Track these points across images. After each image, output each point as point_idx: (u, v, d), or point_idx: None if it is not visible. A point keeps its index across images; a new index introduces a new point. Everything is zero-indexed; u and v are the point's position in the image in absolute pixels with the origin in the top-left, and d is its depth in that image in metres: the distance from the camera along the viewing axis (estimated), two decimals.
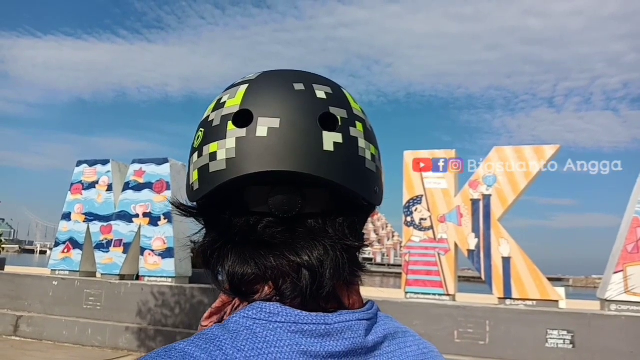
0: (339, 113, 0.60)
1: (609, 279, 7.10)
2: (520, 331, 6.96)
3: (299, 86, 0.60)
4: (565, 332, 6.77)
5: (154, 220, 9.29)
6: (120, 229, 9.50)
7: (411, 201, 8.03)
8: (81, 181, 10.05)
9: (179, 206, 0.64)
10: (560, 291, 7.63)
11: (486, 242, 7.57)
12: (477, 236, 7.65)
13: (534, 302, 7.25)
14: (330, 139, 0.58)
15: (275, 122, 0.57)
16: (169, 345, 0.54)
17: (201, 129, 0.62)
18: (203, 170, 0.60)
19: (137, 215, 9.42)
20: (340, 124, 0.59)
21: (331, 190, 0.59)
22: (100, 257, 9.55)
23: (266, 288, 0.58)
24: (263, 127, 0.57)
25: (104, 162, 10.04)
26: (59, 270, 9.77)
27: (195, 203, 0.63)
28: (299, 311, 0.56)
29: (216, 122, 0.60)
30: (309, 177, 0.56)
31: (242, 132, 0.57)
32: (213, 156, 0.58)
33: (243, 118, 0.58)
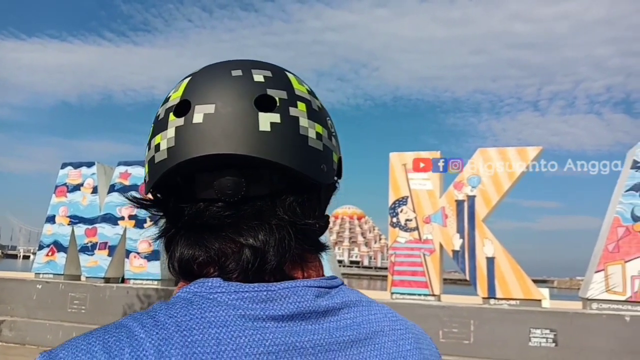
0: (278, 94, 0.61)
1: (590, 278, 7.22)
2: (504, 330, 7.05)
3: (236, 72, 0.62)
4: (548, 331, 6.87)
5: (139, 223, 9.24)
6: (106, 231, 9.43)
7: (397, 202, 8.10)
8: (66, 183, 9.97)
9: (132, 199, 0.65)
10: (544, 291, 7.75)
11: (470, 242, 7.65)
12: (462, 237, 7.73)
13: (518, 302, 7.34)
14: (266, 120, 0.58)
15: (211, 108, 0.59)
16: None
17: (152, 125, 0.64)
18: (150, 162, 0.62)
19: (122, 218, 9.37)
20: (278, 104, 0.60)
21: (278, 171, 0.60)
22: (85, 260, 9.48)
23: (212, 269, 0.59)
24: (199, 114, 0.59)
25: (89, 165, 9.97)
26: (43, 273, 9.67)
27: (150, 195, 0.65)
28: (241, 283, 0.57)
29: (161, 116, 0.62)
30: (249, 158, 0.57)
31: (181, 121, 0.59)
32: (157, 147, 0.60)
33: (182, 108, 0.60)
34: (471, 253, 7.65)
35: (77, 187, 9.87)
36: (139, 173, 9.44)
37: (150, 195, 0.65)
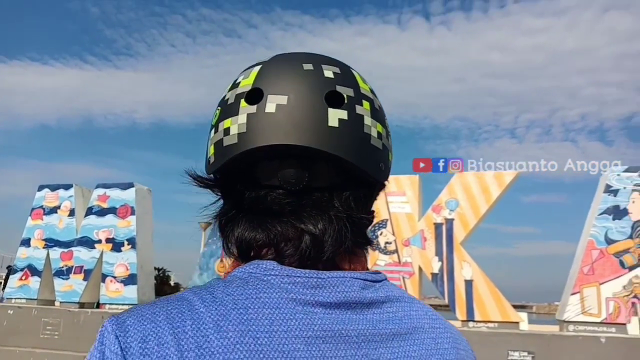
0: (346, 91, 0.62)
1: (566, 300, 7.30)
2: (482, 352, 7.05)
3: (307, 66, 0.63)
4: (525, 353, 6.90)
5: (116, 246, 9.11)
6: (82, 255, 9.26)
7: (376, 225, 8.14)
8: (42, 206, 9.80)
9: (195, 177, 0.68)
10: (522, 315, 7.80)
11: (449, 265, 7.70)
12: (441, 259, 7.78)
13: (496, 324, 7.38)
14: (335, 116, 0.60)
15: (283, 99, 0.60)
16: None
17: (218, 107, 0.66)
18: (218, 145, 0.63)
19: (99, 241, 9.22)
20: (346, 101, 0.62)
21: (338, 166, 0.62)
22: (59, 284, 9.27)
23: (269, 252, 0.61)
24: (272, 103, 0.60)
25: (67, 187, 9.83)
26: (15, 298, 9.42)
27: (212, 175, 0.67)
28: (294, 268, 0.59)
29: (231, 100, 0.64)
30: (314, 151, 0.59)
31: (253, 108, 0.61)
32: (227, 131, 0.62)
33: (254, 96, 0.62)
34: (450, 276, 7.69)
35: (53, 210, 9.71)
36: (118, 196, 9.34)
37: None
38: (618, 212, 7.30)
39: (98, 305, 9.17)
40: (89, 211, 9.44)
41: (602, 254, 7.24)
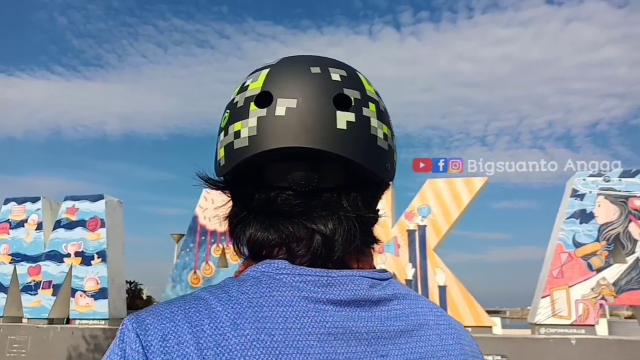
0: (353, 94, 0.63)
1: (537, 303, 7.44)
2: None
3: (315, 69, 0.64)
4: (499, 357, 6.99)
5: (86, 260, 8.93)
6: (50, 269, 9.04)
7: None
8: (8, 220, 9.55)
9: (207, 180, 0.68)
10: (495, 320, 7.91)
11: (423, 271, 7.78)
12: (414, 266, 7.85)
13: (469, 329, 7.45)
14: (343, 118, 0.61)
15: (293, 103, 0.61)
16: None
17: (227, 110, 0.66)
18: (228, 148, 0.63)
19: (68, 255, 9.03)
20: (353, 104, 0.62)
21: (346, 167, 0.62)
22: (27, 300, 9.02)
23: (280, 251, 0.62)
24: (282, 107, 0.61)
25: (34, 200, 9.61)
26: None
27: (222, 178, 0.68)
28: (305, 267, 0.60)
29: (240, 104, 0.64)
30: (323, 153, 0.60)
31: (263, 112, 0.61)
32: (237, 134, 0.62)
33: (264, 99, 0.62)
34: (424, 282, 7.76)
35: (20, 224, 9.48)
36: (87, 208, 9.17)
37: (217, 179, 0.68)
38: (585, 216, 7.50)
39: (68, 321, 8.95)
40: (58, 224, 9.24)
41: (571, 257, 7.41)
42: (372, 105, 0.65)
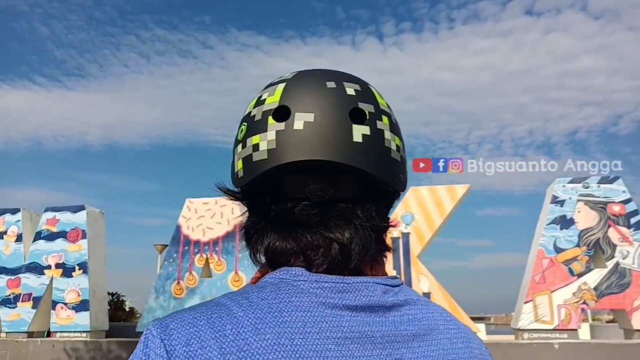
0: (367, 108, 0.65)
1: (520, 309, 7.51)
2: None
3: (330, 84, 0.66)
4: None
5: (67, 271, 8.80)
6: (30, 282, 8.88)
7: None
8: None
9: (226, 191, 0.70)
10: (480, 326, 7.97)
11: (407, 278, 7.81)
12: (398, 273, 7.87)
13: None
14: (359, 131, 0.63)
15: (310, 117, 0.63)
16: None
17: (244, 123, 0.68)
18: (247, 160, 0.65)
19: (49, 267, 8.89)
20: (368, 117, 0.65)
21: (361, 178, 0.64)
22: (5, 313, 8.84)
23: (298, 260, 0.64)
24: (300, 121, 0.63)
25: (14, 211, 9.45)
26: None
27: (239, 189, 0.69)
28: (321, 274, 0.62)
29: (258, 117, 0.66)
30: (339, 165, 0.62)
31: (281, 125, 0.63)
32: (256, 147, 0.64)
33: (282, 113, 0.64)
34: None
35: None
36: (68, 219, 9.06)
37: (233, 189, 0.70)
38: (565, 222, 7.61)
39: (48, 334, 8.80)
40: (38, 236, 9.10)
41: (552, 263, 7.51)
42: (385, 118, 0.67)
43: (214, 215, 8.89)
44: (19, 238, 9.20)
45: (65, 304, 8.67)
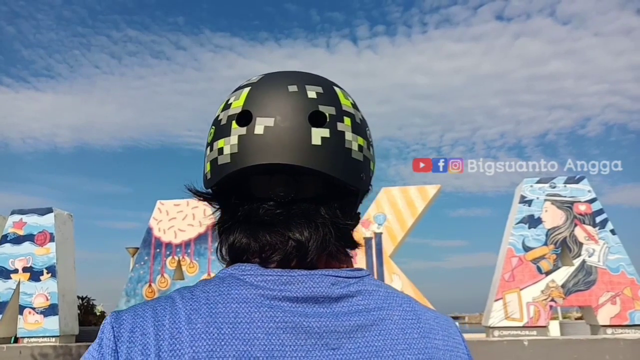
0: (328, 110, 0.67)
1: (490, 307, 7.63)
2: None
3: (292, 88, 0.69)
4: None
5: (35, 275, 8.60)
6: None
7: None
8: None
9: (195, 192, 0.73)
10: None
11: (379, 277, 7.85)
12: (371, 273, 7.92)
13: None
14: (318, 134, 0.65)
15: (270, 121, 0.65)
16: None
17: (213, 127, 0.71)
18: (213, 163, 0.69)
19: (15, 271, 8.67)
20: (328, 120, 0.67)
21: (323, 178, 0.66)
22: None
23: (256, 258, 0.66)
24: (260, 125, 0.66)
25: None
26: None
27: (210, 190, 0.73)
28: (270, 269, 0.65)
29: (223, 121, 0.69)
30: (300, 167, 0.64)
31: (243, 130, 0.66)
32: (220, 151, 0.67)
33: (244, 118, 0.67)
34: None
35: None
36: (35, 222, 8.86)
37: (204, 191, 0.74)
38: (533, 221, 7.76)
39: (16, 340, 8.58)
40: (4, 239, 8.87)
41: (521, 261, 7.65)
42: (347, 120, 0.69)
43: (186, 217, 8.81)
44: None
45: (34, 308, 8.47)
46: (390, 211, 8.06)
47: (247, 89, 0.70)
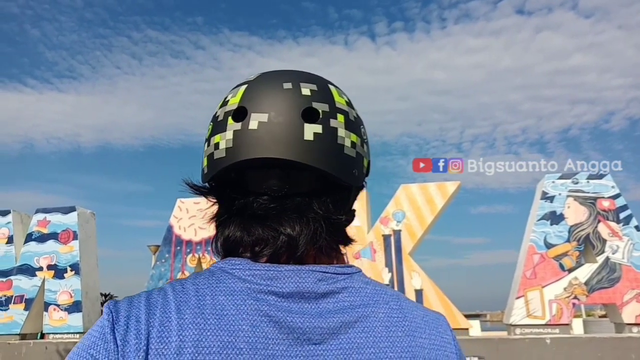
0: (321, 107, 0.69)
1: (512, 304, 7.54)
2: None
3: (287, 85, 0.70)
4: (476, 358, 7.06)
5: (59, 273, 8.76)
6: (22, 283, 8.84)
7: None
8: None
9: (192, 186, 0.76)
10: (474, 322, 7.99)
11: (399, 275, 7.83)
12: (390, 270, 7.90)
13: None
14: (310, 130, 0.67)
15: (264, 117, 0.67)
16: None
17: (211, 123, 0.73)
18: (210, 157, 0.71)
19: (40, 268, 8.84)
20: (321, 116, 0.69)
21: (316, 173, 0.68)
22: None
23: (247, 251, 0.69)
24: (254, 121, 0.68)
25: (4, 213, 9.39)
26: None
27: (207, 184, 0.76)
28: (259, 264, 0.67)
29: (220, 118, 0.71)
30: (293, 162, 0.66)
31: (238, 125, 0.68)
32: (217, 146, 0.70)
33: (240, 114, 0.69)
34: (400, 286, 7.80)
35: None
36: (59, 220, 9.02)
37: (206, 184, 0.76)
38: (555, 218, 7.64)
39: (42, 336, 8.76)
40: (29, 237, 9.05)
41: (543, 258, 7.54)
42: (340, 117, 0.71)
43: (205, 215, 8.87)
44: (9, 240, 9.14)
45: (58, 305, 8.63)
46: (409, 208, 8.01)
47: (244, 87, 0.72)
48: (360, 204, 8.28)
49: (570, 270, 7.46)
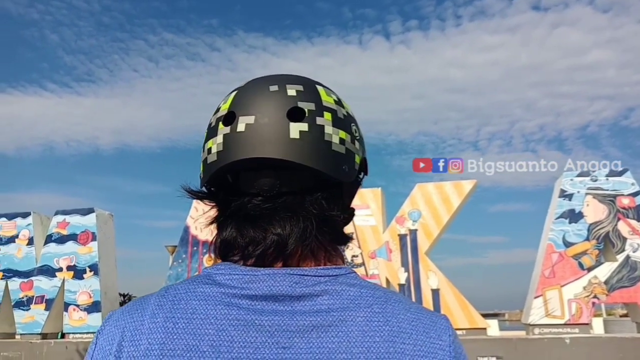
0: (307, 106, 0.71)
1: (530, 304, 7.46)
2: None
3: (273, 87, 0.72)
4: (494, 358, 7.00)
5: (78, 274, 8.88)
6: (42, 284, 8.98)
7: None
8: None
9: (189, 191, 0.79)
10: (491, 322, 7.92)
11: (415, 275, 7.79)
12: (407, 270, 7.86)
13: (464, 331, 7.46)
14: (296, 129, 0.69)
15: (251, 119, 0.69)
16: None
17: (206, 131, 0.76)
18: (204, 162, 0.74)
19: (60, 269, 8.97)
20: (307, 115, 0.70)
21: (306, 171, 0.69)
22: (19, 315, 8.95)
23: (238, 253, 0.71)
24: (242, 123, 0.70)
25: (25, 215, 9.55)
26: None
27: (205, 189, 0.78)
28: (242, 267, 0.69)
29: (213, 124, 0.74)
30: (281, 161, 0.67)
31: (227, 129, 0.71)
32: (209, 150, 0.72)
33: (229, 118, 0.71)
34: (416, 286, 7.77)
35: (11, 239, 9.40)
36: (78, 222, 9.14)
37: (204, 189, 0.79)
38: (574, 216, 7.54)
39: (62, 336, 8.89)
40: (49, 239, 9.19)
41: (562, 257, 7.44)
42: (327, 114, 0.72)
43: (201, 219, 8.92)
44: (30, 241, 9.30)
45: (77, 305, 8.75)
46: (425, 207, 7.97)
47: (234, 93, 0.75)
48: (375, 204, 8.28)
49: (590, 269, 7.35)
